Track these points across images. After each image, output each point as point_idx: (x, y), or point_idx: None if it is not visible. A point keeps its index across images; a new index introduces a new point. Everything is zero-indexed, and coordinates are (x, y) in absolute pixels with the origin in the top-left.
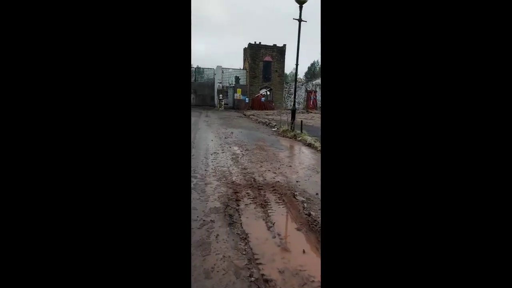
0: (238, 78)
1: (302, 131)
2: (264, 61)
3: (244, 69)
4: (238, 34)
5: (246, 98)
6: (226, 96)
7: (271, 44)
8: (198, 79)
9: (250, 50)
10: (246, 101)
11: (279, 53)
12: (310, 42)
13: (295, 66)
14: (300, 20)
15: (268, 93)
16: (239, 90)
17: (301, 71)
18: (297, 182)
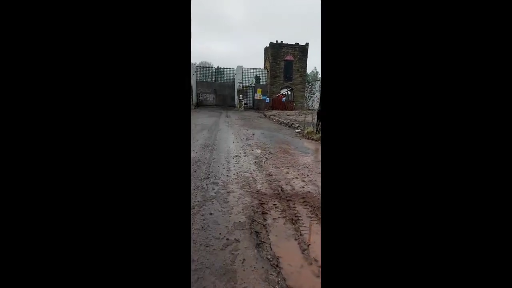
0: (258, 78)
1: None
2: (285, 60)
3: (265, 68)
4: (260, 35)
5: (267, 98)
6: (246, 96)
7: (293, 42)
8: (219, 79)
9: (272, 49)
10: (267, 101)
11: (301, 52)
12: None
13: (321, 64)
14: None
15: (289, 93)
16: (259, 90)
17: None
18: None
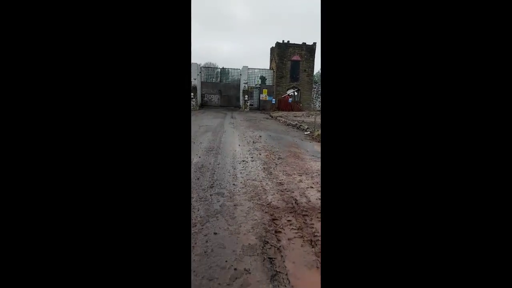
0: (264, 78)
1: None
2: (292, 60)
3: (271, 69)
4: (265, 35)
5: (273, 99)
6: (252, 97)
7: (300, 42)
8: (224, 80)
9: (278, 49)
10: (273, 102)
11: (309, 51)
12: None
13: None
14: None
15: (295, 93)
16: (265, 90)
17: None
18: None
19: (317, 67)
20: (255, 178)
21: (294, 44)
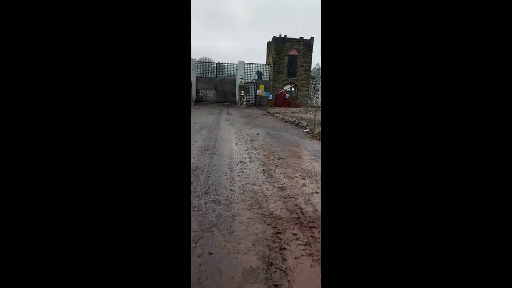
0: (260, 73)
1: None
2: (289, 55)
3: (267, 64)
4: (262, 30)
5: (270, 95)
6: (248, 92)
7: (298, 37)
8: (219, 75)
9: (275, 44)
10: (270, 97)
11: (306, 46)
12: None
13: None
14: None
15: (292, 89)
16: (262, 86)
17: None
18: None
19: (314, 62)
20: (255, 182)
21: (292, 38)
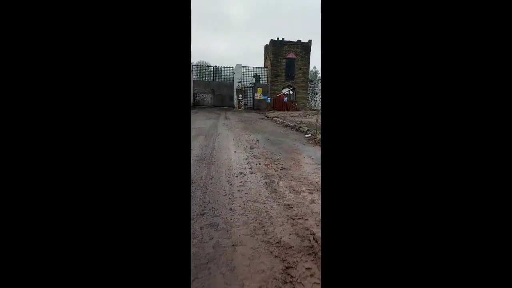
0: (258, 77)
1: None
2: (287, 58)
3: (265, 67)
4: (259, 34)
5: (268, 98)
6: (246, 96)
7: (295, 40)
8: (217, 79)
9: (272, 47)
10: (268, 101)
11: (304, 49)
12: None
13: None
14: None
15: (291, 92)
16: (260, 89)
17: None
18: None
19: (311, 66)
20: (257, 198)
21: (289, 41)
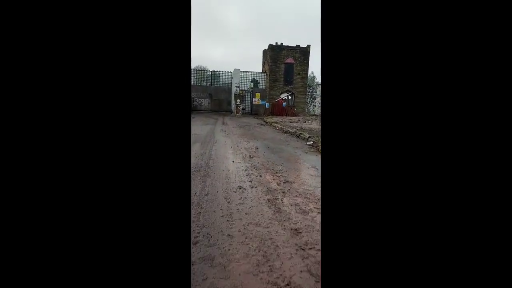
0: (256, 82)
1: None
2: (285, 63)
3: (263, 72)
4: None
5: (266, 103)
6: (244, 101)
7: (294, 45)
8: (214, 84)
9: (271, 52)
10: (266, 106)
11: (303, 54)
12: None
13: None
14: None
15: (289, 97)
16: (258, 94)
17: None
18: None
19: (313, 71)
20: (259, 220)
21: (288, 46)
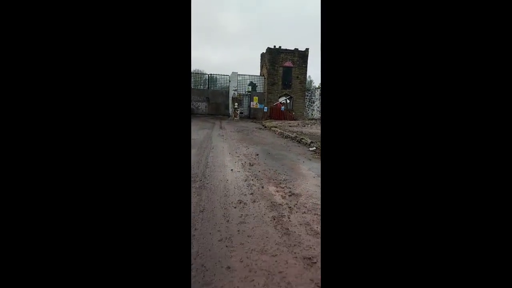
0: (254, 85)
1: None
2: (284, 66)
3: (261, 75)
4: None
5: (264, 107)
6: (241, 104)
7: (292, 48)
8: (211, 87)
9: (269, 55)
10: (264, 110)
11: (301, 58)
12: None
13: (321, 71)
14: None
15: (288, 101)
16: (256, 98)
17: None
18: None
19: (312, 75)
20: (264, 245)
21: (286, 49)
